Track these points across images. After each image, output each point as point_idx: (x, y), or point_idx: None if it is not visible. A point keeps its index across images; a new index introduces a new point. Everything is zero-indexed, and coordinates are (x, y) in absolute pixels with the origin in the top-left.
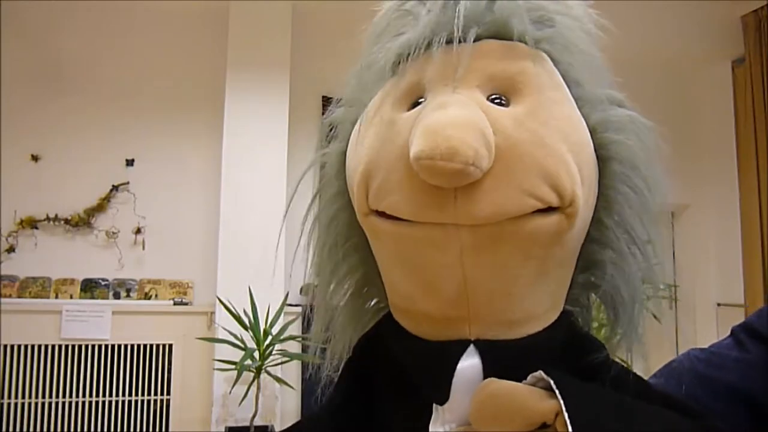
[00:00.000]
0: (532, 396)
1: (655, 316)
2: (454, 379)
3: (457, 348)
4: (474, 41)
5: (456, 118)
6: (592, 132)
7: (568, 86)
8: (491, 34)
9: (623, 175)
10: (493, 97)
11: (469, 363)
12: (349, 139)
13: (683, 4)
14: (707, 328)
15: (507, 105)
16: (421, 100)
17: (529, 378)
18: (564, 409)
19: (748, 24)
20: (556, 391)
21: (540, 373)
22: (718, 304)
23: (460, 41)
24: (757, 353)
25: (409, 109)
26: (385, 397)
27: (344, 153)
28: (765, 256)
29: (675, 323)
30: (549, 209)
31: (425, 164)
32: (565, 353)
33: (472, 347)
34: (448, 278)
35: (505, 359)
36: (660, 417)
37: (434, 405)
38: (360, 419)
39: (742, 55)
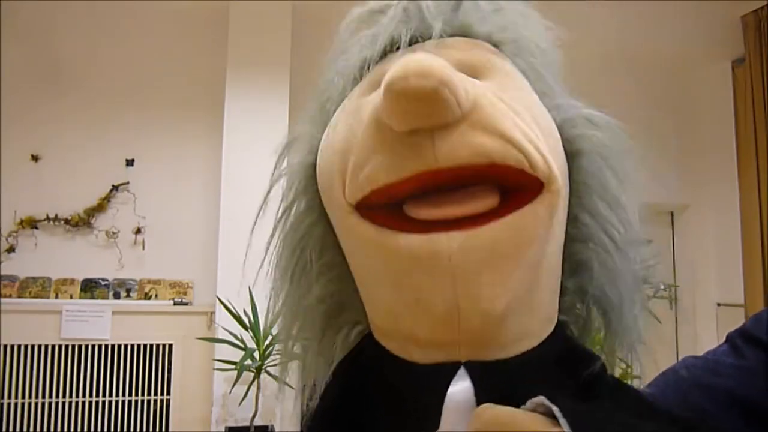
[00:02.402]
0: (534, 424)
1: (654, 316)
2: (445, 405)
3: (447, 371)
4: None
5: (426, 56)
6: (559, 129)
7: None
8: (455, 34)
9: (592, 168)
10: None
11: (461, 387)
12: (313, 152)
13: (683, 4)
14: (707, 328)
15: None
16: None
17: (528, 404)
18: None
19: (748, 24)
20: (561, 420)
21: (541, 399)
22: (718, 304)
23: (424, 40)
24: (755, 359)
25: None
26: (369, 425)
27: (312, 165)
28: (765, 256)
29: (675, 323)
30: (535, 192)
31: (398, 87)
32: (560, 368)
33: (462, 370)
34: (437, 298)
35: (498, 380)
36: None
37: None
38: None
39: (742, 55)
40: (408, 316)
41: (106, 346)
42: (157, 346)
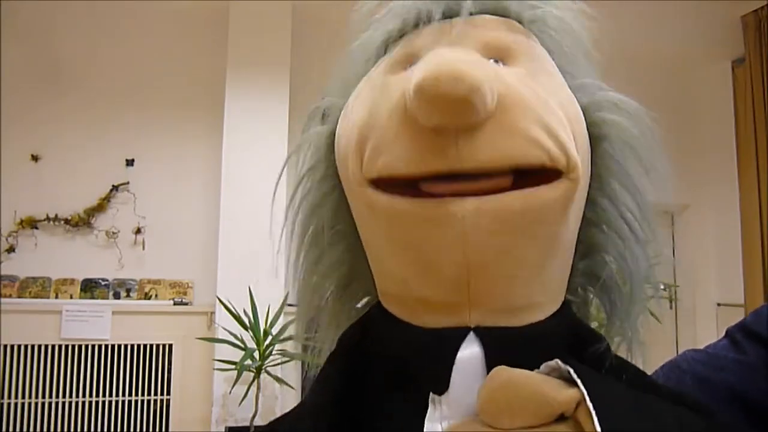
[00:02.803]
0: (550, 385)
1: (654, 316)
2: (455, 368)
3: (457, 335)
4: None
5: (458, 54)
6: (585, 111)
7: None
8: (485, 11)
9: (615, 154)
10: (490, 61)
11: (470, 351)
12: (337, 121)
13: (683, 4)
14: (707, 328)
15: None
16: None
17: (543, 367)
18: (588, 399)
19: (748, 24)
20: (578, 380)
21: (556, 362)
22: (718, 304)
23: (454, 16)
24: (756, 354)
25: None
26: (375, 392)
27: (332, 134)
28: (765, 256)
29: (675, 323)
30: (552, 177)
31: (429, 90)
32: (567, 344)
33: (472, 335)
34: (447, 259)
35: (507, 348)
36: (680, 415)
37: (431, 398)
38: (347, 418)
39: (742, 55)
40: (418, 279)
41: (106, 346)
42: (157, 346)
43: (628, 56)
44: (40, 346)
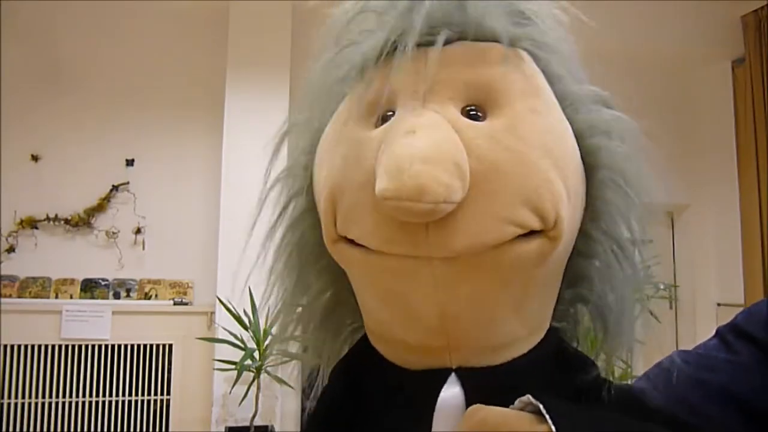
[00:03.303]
0: (522, 422)
1: (654, 316)
2: (436, 409)
3: (438, 377)
4: (445, 44)
5: (424, 149)
6: (579, 137)
7: (550, 83)
8: (464, 36)
9: (611, 182)
10: (468, 108)
11: (451, 393)
12: (312, 151)
13: (683, 4)
14: (707, 328)
15: (483, 118)
16: (389, 114)
17: (516, 403)
18: None
19: (748, 24)
20: (546, 416)
21: (528, 398)
22: (718, 304)
23: (428, 44)
24: (747, 354)
25: (377, 124)
26: (367, 426)
27: (309, 167)
28: (765, 256)
29: (675, 323)
30: (531, 233)
31: (391, 205)
32: (552, 374)
33: (453, 376)
34: (425, 308)
35: (488, 386)
36: None
37: None
38: None
39: (742, 55)
40: (398, 325)
41: (106, 346)
42: (157, 346)
43: (628, 56)
44: (40, 346)
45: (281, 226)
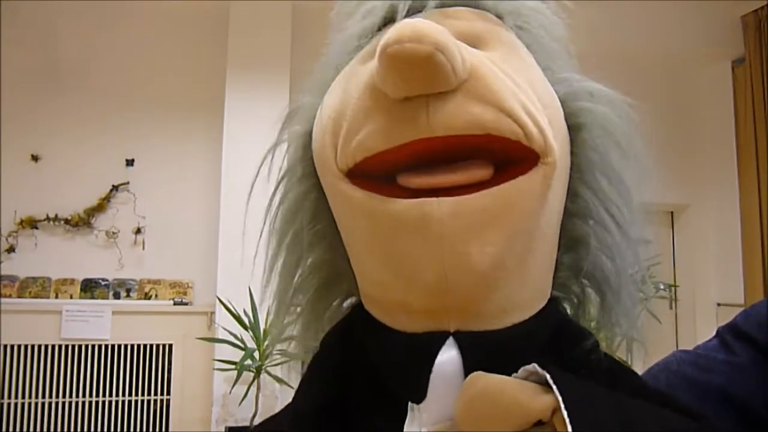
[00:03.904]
0: (526, 391)
1: (655, 317)
2: (432, 374)
3: (435, 341)
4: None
5: (423, 22)
6: (563, 102)
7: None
8: (459, 4)
9: (594, 143)
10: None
11: (448, 357)
12: (312, 121)
13: (683, 4)
14: (707, 328)
15: None
16: None
17: (520, 372)
18: (563, 405)
19: (748, 24)
20: (553, 387)
21: (533, 366)
22: (718, 304)
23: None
24: (745, 355)
25: None
26: (357, 397)
27: (309, 134)
28: (765, 256)
29: (675, 323)
30: (529, 166)
31: (393, 50)
32: (551, 344)
33: (451, 339)
34: (426, 265)
35: (487, 352)
36: (659, 416)
37: (410, 405)
38: (330, 422)
39: (742, 55)
40: (397, 284)
41: (106, 346)
42: (157, 346)
43: (629, 56)
44: (40, 346)
45: (280, 192)
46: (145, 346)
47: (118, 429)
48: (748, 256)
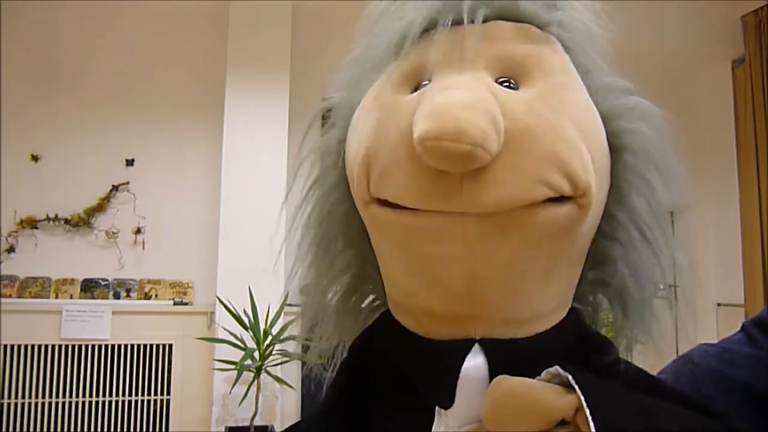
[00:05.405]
0: (549, 392)
1: (656, 317)
2: (460, 380)
3: (462, 347)
4: (482, 23)
5: (463, 98)
6: (605, 120)
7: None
8: (500, 16)
9: (636, 166)
10: (501, 80)
11: (474, 363)
12: (348, 127)
13: (683, 4)
14: (707, 328)
15: (516, 89)
16: (424, 83)
17: (543, 374)
18: (585, 404)
19: (748, 24)
20: (576, 387)
21: (556, 369)
22: (718, 304)
23: (467, 22)
24: None
25: (411, 93)
26: (383, 401)
27: (343, 141)
28: (765, 255)
29: (675, 323)
30: (562, 198)
31: (430, 145)
32: (573, 353)
33: (477, 346)
34: (454, 272)
35: (511, 359)
36: (680, 415)
37: (437, 409)
38: (357, 424)
39: (742, 55)
40: (425, 291)
41: (106, 346)
42: (157, 346)
43: (628, 56)
44: (40, 346)
45: (311, 200)
46: (145, 346)
47: (118, 429)
48: (748, 256)
